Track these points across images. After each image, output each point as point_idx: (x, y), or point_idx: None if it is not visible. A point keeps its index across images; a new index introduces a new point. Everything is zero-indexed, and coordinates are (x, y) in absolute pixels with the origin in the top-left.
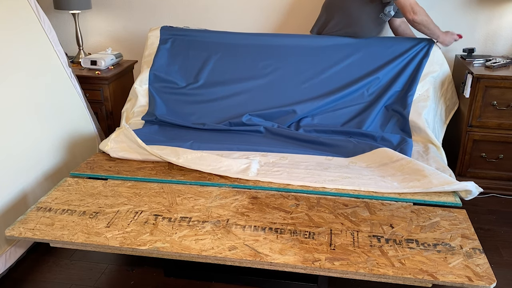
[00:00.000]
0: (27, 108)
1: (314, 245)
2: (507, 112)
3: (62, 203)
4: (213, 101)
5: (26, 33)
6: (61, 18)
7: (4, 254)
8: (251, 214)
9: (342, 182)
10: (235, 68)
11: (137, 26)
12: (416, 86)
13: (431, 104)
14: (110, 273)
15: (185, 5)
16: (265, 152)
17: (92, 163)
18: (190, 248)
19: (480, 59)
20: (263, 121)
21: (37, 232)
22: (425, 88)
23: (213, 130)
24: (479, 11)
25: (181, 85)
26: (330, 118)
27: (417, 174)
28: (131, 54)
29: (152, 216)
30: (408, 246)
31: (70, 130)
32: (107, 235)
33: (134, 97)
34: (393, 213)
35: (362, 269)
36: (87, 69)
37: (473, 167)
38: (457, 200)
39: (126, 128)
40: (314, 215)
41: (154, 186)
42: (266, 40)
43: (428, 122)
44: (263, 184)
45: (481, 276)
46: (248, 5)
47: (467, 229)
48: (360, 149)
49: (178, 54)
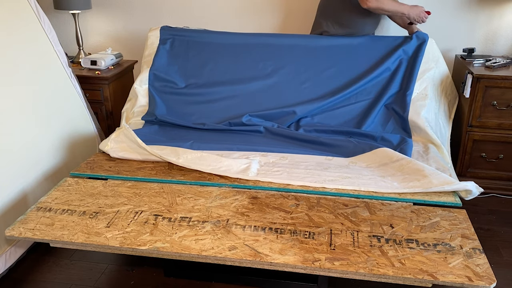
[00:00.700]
0: (27, 108)
1: (314, 245)
2: (507, 112)
3: (62, 203)
4: (213, 101)
5: (26, 33)
6: (61, 18)
7: (4, 254)
8: (251, 214)
9: (342, 182)
10: (235, 68)
11: (137, 26)
12: (414, 84)
13: (431, 102)
14: (110, 273)
15: (185, 5)
16: (265, 152)
17: (92, 163)
18: (190, 248)
19: (480, 59)
20: (263, 121)
21: (37, 232)
22: (423, 86)
23: (213, 130)
24: (479, 11)
25: (181, 85)
26: (330, 117)
27: (417, 174)
28: (131, 54)
29: (152, 216)
30: (408, 246)
31: (70, 130)
32: (107, 235)
33: (134, 97)
34: (393, 213)
35: (362, 269)
36: (87, 69)
37: (473, 167)
38: (457, 200)
39: (126, 128)
40: (314, 215)
41: (154, 186)
42: (266, 40)
43: (428, 121)
44: (263, 184)
45: (481, 276)
46: (248, 5)
47: (467, 229)
48: (360, 149)
49: (178, 54)
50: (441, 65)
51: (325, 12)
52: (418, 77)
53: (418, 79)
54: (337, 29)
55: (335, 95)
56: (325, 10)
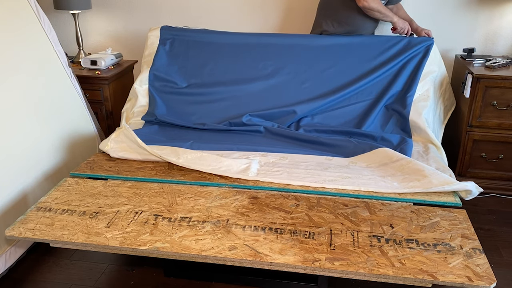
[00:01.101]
0: (27, 108)
1: (314, 245)
2: (507, 112)
3: (62, 203)
4: (213, 101)
5: (26, 33)
6: (61, 18)
7: (4, 254)
8: (251, 214)
9: (342, 182)
10: (235, 68)
11: (137, 26)
12: (416, 86)
13: (431, 104)
14: (110, 273)
15: (185, 5)
16: (265, 152)
17: (92, 163)
18: (190, 248)
19: (480, 59)
20: (263, 121)
21: (37, 232)
22: (425, 88)
23: (213, 130)
24: (479, 11)
25: (181, 85)
26: (330, 118)
27: (417, 174)
28: (131, 54)
29: (152, 216)
30: (408, 246)
31: (70, 130)
32: (107, 235)
33: (134, 97)
34: (393, 213)
35: (362, 269)
36: (87, 69)
37: (473, 167)
38: (457, 200)
39: (126, 128)
40: (314, 215)
41: (154, 186)
42: (266, 40)
43: (428, 122)
44: (263, 184)
45: (481, 276)
46: (248, 5)
47: (467, 229)
48: (360, 149)
49: (178, 54)
50: (443, 70)
51: (324, 11)
52: (421, 79)
53: (421, 80)
54: (336, 27)
55: (335, 94)
56: (325, 9)
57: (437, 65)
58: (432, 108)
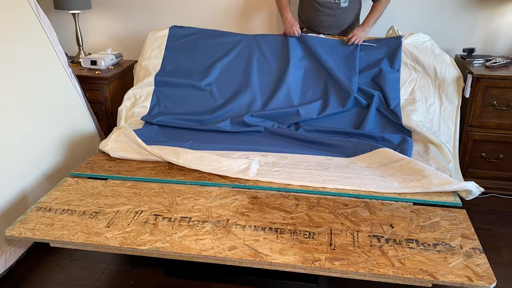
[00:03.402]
0: (27, 108)
1: (314, 245)
2: (507, 112)
3: (62, 203)
4: (216, 101)
5: (26, 33)
6: (61, 18)
7: (4, 254)
8: (251, 214)
9: (342, 182)
10: (240, 68)
11: (137, 26)
12: (399, 91)
13: (421, 105)
14: (110, 273)
15: (185, 5)
16: (265, 152)
17: (92, 163)
18: (190, 248)
19: (480, 59)
20: (264, 120)
21: (37, 232)
22: (408, 91)
23: (213, 130)
24: (479, 11)
25: (183, 85)
26: (330, 118)
27: (417, 174)
28: (131, 54)
29: (152, 216)
30: (408, 246)
31: (70, 130)
32: (107, 235)
33: (134, 97)
34: (393, 213)
35: (362, 269)
36: (87, 69)
37: (473, 167)
38: (457, 200)
39: (126, 128)
40: (314, 215)
41: (154, 186)
42: (271, 41)
43: (423, 123)
44: (263, 184)
45: (481, 276)
46: (249, 5)
47: (467, 229)
48: (360, 149)
49: (180, 54)
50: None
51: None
52: (401, 84)
53: (402, 86)
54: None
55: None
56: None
57: (414, 61)
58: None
